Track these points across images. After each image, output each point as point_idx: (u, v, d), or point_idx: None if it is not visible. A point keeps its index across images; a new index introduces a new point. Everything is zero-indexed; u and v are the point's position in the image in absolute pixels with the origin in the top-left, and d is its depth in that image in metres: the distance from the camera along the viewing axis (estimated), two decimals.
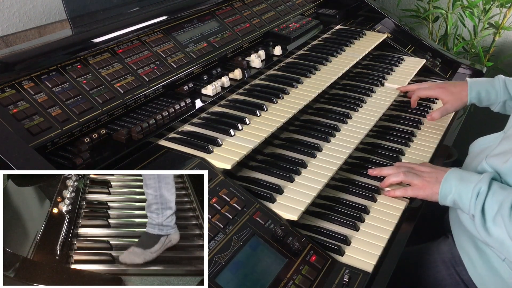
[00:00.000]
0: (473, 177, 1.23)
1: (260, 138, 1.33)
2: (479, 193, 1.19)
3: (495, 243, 1.18)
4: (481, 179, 1.21)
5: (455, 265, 1.38)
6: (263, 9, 1.93)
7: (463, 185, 1.23)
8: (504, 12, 2.58)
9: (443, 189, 1.26)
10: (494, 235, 1.17)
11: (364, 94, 1.74)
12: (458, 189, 1.23)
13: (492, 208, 1.17)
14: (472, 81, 1.67)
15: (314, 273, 1.07)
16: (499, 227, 1.15)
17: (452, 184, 1.25)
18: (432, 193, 1.29)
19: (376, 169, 1.42)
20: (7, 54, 1.24)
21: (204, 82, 1.52)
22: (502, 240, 1.16)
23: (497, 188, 1.19)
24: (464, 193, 1.22)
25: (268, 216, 1.14)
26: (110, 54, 1.37)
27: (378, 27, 2.24)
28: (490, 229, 1.17)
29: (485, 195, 1.18)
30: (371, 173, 1.42)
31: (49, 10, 1.86)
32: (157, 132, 1.29)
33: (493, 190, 1.18)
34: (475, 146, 1.45)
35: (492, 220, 1.16)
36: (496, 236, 1.17)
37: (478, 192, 1.19)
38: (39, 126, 1.12)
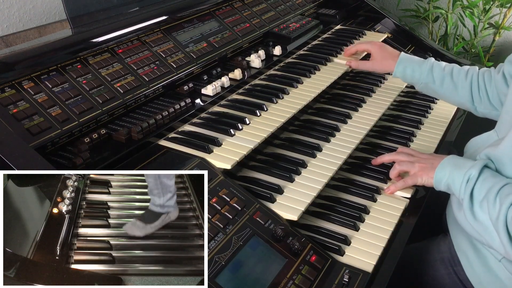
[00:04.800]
0: (467, 163, 1.25)
1: (260, 138, 1.33)
2: (469, 179, 1.21)
3: (480, 227, 1.19)
4: (473, 165, 1.23)
5: (453, 264, 1.38)
6: (263, 9, 1.93)
7: (456, 171, 1.25)
8: (504, 12, 2.58)
9: (438, 175, 1.29)
10: (479, 220, 1.19)
11: (364, 94, 1.74)
12: (452, 174, 1.26)
13: (480, 193, 1.19)
14: (404, 56, 1.70)
15: (314, 273, 1.07)
16: (484, 213, 1.17)
17: (447, 169, 1.27)
18: (428, 178, 1.32)
19: (378, 158, 1.46)
20: (7, 54, 1.24)
21: (204, 82, 1.52)
22: (486, 226, 1.18)
23: (488, 175, 1.20)
24: (457, 178, 1.24)
25: (268, 216, 1.14)
26: (110, 54, 1.37)
27: (378, 27, 2.24)
28: (476, 214, 1.19)
29: (475, 181, 1.20)
30: (374, 163, 1.47)
31: (49, 10, 1.86)
32: (157, 132, 1.29)
33: (484, 176, 1.20)
34: (470, 146, 1.47)
35: (479, 204, 1.19)
36: (481, 220, 1.18)
37: (468, 177, 1.21)
38: (39, 126, 1.12)
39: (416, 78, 1.66)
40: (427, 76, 1.63)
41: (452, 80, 1.61)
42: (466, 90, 1.59)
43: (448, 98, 1.66)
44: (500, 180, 1.18)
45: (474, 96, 1.59)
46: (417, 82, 1.67)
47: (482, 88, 1.57)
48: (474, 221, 1.20)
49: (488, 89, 1.56)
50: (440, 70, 1.63)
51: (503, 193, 1.14)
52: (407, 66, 1.67)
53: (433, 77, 1.63)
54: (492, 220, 1.15)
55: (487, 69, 1.59)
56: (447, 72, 1.62)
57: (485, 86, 1.56)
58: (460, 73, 1.61)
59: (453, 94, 1.63)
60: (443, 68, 1.63)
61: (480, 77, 1.58)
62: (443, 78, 1.62)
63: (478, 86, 1.58)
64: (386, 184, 1.41)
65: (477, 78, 1.58)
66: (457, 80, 1.60)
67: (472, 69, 1.61)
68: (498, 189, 1.15)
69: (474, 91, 1.59)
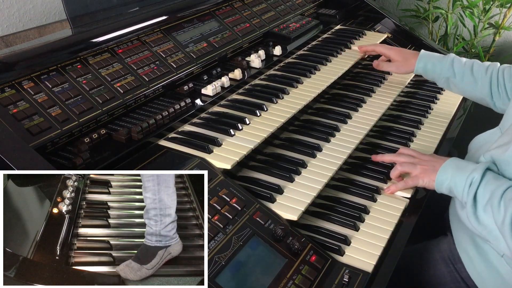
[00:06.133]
0: (469, 166, 1.25)
1: (260, 138, 1.33)
2: (472, 182, 1.21)
3: (484, 231, 1.19)
4: (476, 168, 1.22)
5: (454, 262, 1.38)
6: (263, 9, 1.93)
7: (458, 174, 1.25)
8: (504, 12, 2.58)
9: (440, 177, 1.29)
10: (484, 223, 1.19)
11: (364, 94, 1.74)
12: (454, 177, 1.25)
13: (484, 196, 1.18)
14: (425, 53, 1.75)
15: (314, 273, 1.07)
16: (488, 216, 1.17)
17: (449, 172, 1.27)
18: (429, 180, 1.32)
19: (378, 155, 1.46)
20: (7, 54, 1.24)
21: (204, 82, 1.52)
22: (490, 229, 1.17)
23: (490, 178, 1.20)
24: (459, 181, 1.24)
25: (268, 216, 1.14)
26: (110, 54, 1.37)
27: (378, 27, 2.24)
28: (480, 217, 1.19)
29: (478, 184, 1.20)
30: (374, 159, 1.46)
31: (49, 10, 1.86)
32: (157, 132, 1.29)
33: (487, 179, 1.20)
34: (474, 144, 1.47)
35: (483, 208, 1.18)
36: (485, 224, 1.18)
37: (471, 181, 1.21)
38: (39, 126, 1.12)
39: (437, 73, 1.69)
40: (448, 71, 1.66)
41: (472, 75, 1.63)
42: (485, 86, 1.61)
43: (469, 93, 1.68)
44: (503, 182, 1.18)
45: (493, 92, 1.60)
46: (438, 77, 1.70)
47: (502, 84, 1.58)
48: (478, 225, 1.20)
49: (507, 85, 1.57)
50: (461, 65, 1.65)
51: (507, 197, 1.14)
52: (428, 61, 1.71)
53: (454, 71, 1.65)
54: (497, 224, 1.15)
55: (508, 66, 1.60)
56: (468, 67, 1.64)
57: (504, 82, 1.58)
58: (480, 68, 1.63)
59: (473, 89, 1.64)
60: (464, 63, 1.65)
61: (500, 73, 1.59)
62: (463, 72, 1.64)
63: (498, 82, 1.59)
64: (386, 184, 1.41)
65: (497, 74, 1.59)
66: (477, 75, 1.62)
67: (492, 65, 1.63)
68: (502, 192, 1.15)
69: (493, 87, 1.60)
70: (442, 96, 1.96)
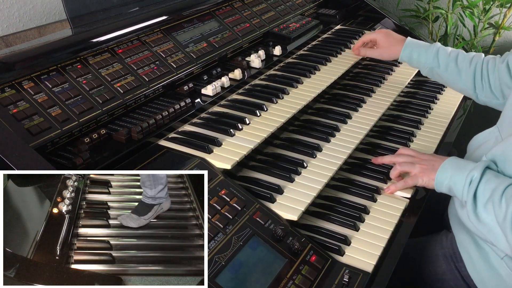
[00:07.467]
0: (468, 165, 1.24)
1: (260, 138, 1.33)
2: (472, 181, 1.20)
3: (484, 229, 1.19)
4: (475, 166, 1.22)
5: (455, 260, 1.38)
6: (263, 9, 1.93)
7: (458, 172, 1.24)
8: (504, 12, 2.58)
9: (439, 176, 1.28)
10: (484, 222, 1.18)
11: (364, 94, 1.74)
12: (453, 177, 1.25)
13: (484, 194, 1.18)
14: (411, 41, 1.72)
15: (314, 273, 1.07)
16: (489, 214, 1.17)
17: (448, 171, 1.27)
18: (429, 179, 1.32)
19: (378, 158, 1.46)
20: (7, 54, 1.24)
21: (204, 82, 1.52)
22: (491, 227, 1.17)
23: (490, 176, 1.20)
24: (458, 180, 1.23)
25: (268, 216, 1.14)
26: (110, 54, 1.37)
27: (378, 27, 2.24)
28: (480, 215, 1.19)
29: (478, 183, 1.19)
30: (375, 161, 1.46)
31: (49, 10, 1.86)
32: (157, 132, 1.29)
33: (486, 178, 1.19)
34: (472, 143, 1.47)
35: (483, 206, 1.18)
36: (485, 222, 1.18)
37: (471, 180, 1.21)
38: (39, 126, 1.12)
39: (422, 62, 1.67)
40: (433, 61, 1.64)
41: (457, 66, 1.61)
42: (469, 77, 1.60)
43: (452, 83, 1.67)
44: (504, 180, 1.17)
45: (477, 84, 1.59)
46: (423, 67, 1.69)
47: (485, 76, 1.57)
48: (478, 223, 1.20)
49: (491, 78, 1.56)
50: (446, 55, 1.63)
51: (508, 194, 1.14)
52: (413, 50, 1.69)
53: (438, 61, 1.64)
54: (498, 222, 1.14)
55: (492, 57, 1.58)
56: (452, 58, 1.63)
57: (488, 74, 1.56)
58: (465, 59, 1.61)
59: (457, 80, 1.63)
60: (449, 53, 1.64)
61: (484, 65, 1.58)
62: (447, 63, 1.63)
63: (482, 73, 1.58)
64: (386, 184, 1.41)
65: (481, 66, 1.58)
66: (461, 66, 1.61)
67: (477, 56, 1.61)
68: (503, 189, 1.15)
69: (477, 79, 1.59)
70: (442, 96, 1.96)
